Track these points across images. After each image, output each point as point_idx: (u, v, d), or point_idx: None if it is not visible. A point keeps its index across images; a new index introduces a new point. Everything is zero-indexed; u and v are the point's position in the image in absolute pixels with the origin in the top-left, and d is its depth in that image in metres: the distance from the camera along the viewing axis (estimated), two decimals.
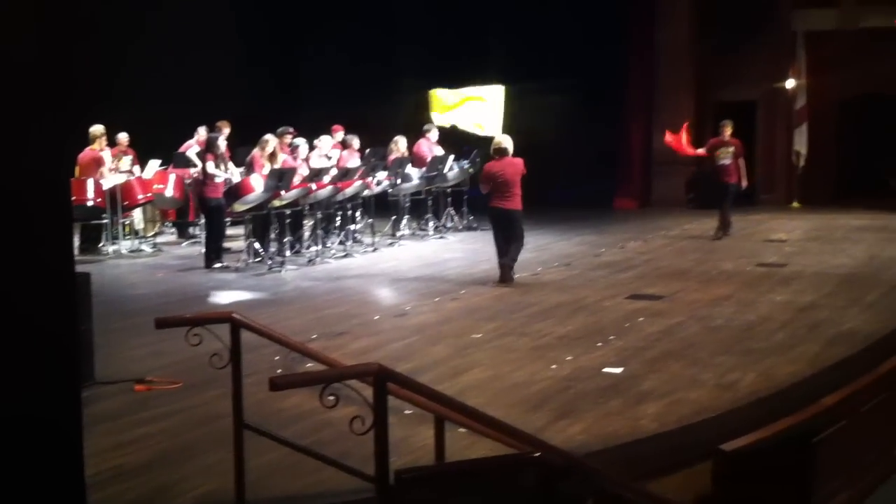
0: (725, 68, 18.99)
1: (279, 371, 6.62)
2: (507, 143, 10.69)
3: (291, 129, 13.31)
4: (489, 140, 11.28)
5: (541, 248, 13.14)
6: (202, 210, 12.91)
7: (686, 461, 5.43)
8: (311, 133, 13.97)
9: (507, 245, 10.52)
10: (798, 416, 3.81)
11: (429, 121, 15.66)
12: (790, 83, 18.55)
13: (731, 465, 3.34)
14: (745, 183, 14.23)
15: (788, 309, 8.90)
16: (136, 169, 13.98)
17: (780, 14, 18.66)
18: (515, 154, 10.62)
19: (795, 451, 3.43)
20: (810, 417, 3.77)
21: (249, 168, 12.08)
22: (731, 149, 14.03)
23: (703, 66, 19.31)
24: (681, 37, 18.98)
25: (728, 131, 14.29)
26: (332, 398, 3.51)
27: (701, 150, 14.76)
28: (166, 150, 14.57)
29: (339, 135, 14.58)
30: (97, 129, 13.27)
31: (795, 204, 18.38)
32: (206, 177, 12.25)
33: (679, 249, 12.99)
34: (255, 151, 12.21)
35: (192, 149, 14.11)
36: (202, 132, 14.34)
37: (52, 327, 2.25)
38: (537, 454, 2.74)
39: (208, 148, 12.46)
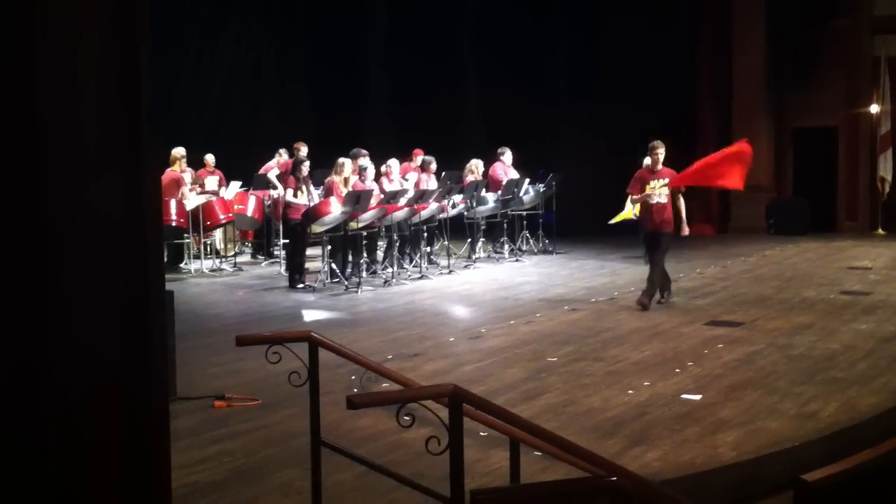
0: (803, 94, 18.70)
1: (355, 390, 6.68)
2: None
3: (364, 151, 13.49)
4: None
5: (616, 272, 13.05)
6: (284, 230, 13.15)
7: (765, 492, 5.34)
8: (379, 156, 14.14)
9: None
10: (882, 447, 3.71)
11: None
12: (874, 108, 18.16)
13: (813, 496, 3.26)
14: (685, 230, 10.45)
15: (872, 338, 8.68)
16: (223, 190, 14.32)
17: (860, 40, 18.31)
18: None
19: (881, 483, 3.34)
20: (895, 449, 3.67)
21: (328, 193, 12.24)
22: (665, 181, 10.25)
23: (779, 91, 19.05)
24: (756, 63, 18.77)
25: (659, 156, 10.24)
26: (407, 418, 3.53)
27: (635, 196, 10.58)
28: (246, 171, 14.90)
29: (419, 159, 14.68)
30: (178, 151, 13.63)
31: (879, 231, 17.93)
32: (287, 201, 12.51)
33: (759, 276, 12.76)
34: (332, 177, 12.36)
35: (272, 171, 14.36)
36: (283, 154, 14.62)
37: (145, 342, 2.33)
38: (614, 478, 2.72)
39: (293, 170, 12.68)
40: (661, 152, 10.20)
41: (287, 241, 13.08)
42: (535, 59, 19.04)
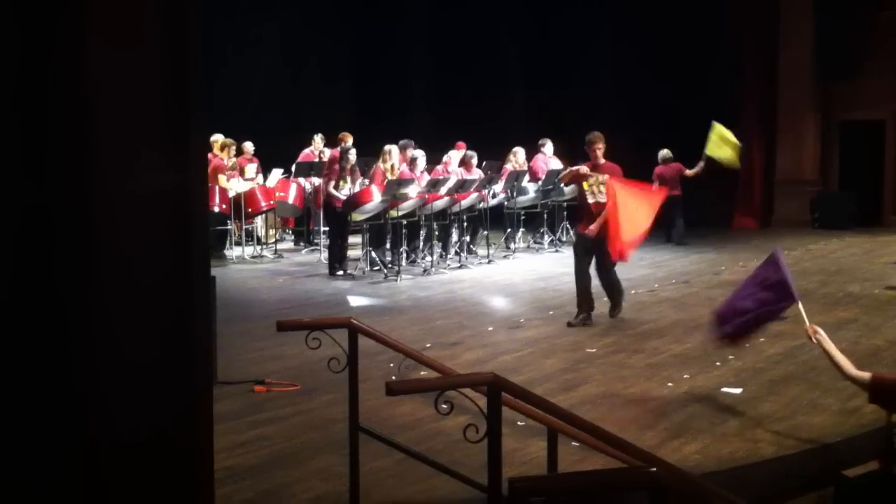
0: (850, 87, 18.38)
1: (393, 377, 6.69)
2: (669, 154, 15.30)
3: (412, 142, 13.50)
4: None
5: (658, 264, 12.95)
6: (325, 217, 13.20)
7: (806, 487, 5.28)
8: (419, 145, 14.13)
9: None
10: None
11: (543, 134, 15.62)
12: None
13: (855, 492, 3.23)
14: (592, 230, 9.02)
15: None
16: (260, 178, 14.41)
17: None
18: None
19: None
20: None
21: (371, 180, 12.27)
22: (605, 178, 9.11)
23: (826, 85, 18.76)
24: (804, 55, 18.49)
25: (598, 151, 9.17)
26: (446, 406, 3.53)
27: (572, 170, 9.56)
28: (287, 158, 14.97)
29: (461, 152, 14.65)
30: (217, 137, 13.78)
31: None
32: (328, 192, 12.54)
33: (802, 270, 12.59)
34: (378, 164, 12.39)
35: (314, 160, 14.40)
36: (318, 140, 14.67)
37: (190, 326, 2.35)
38: (652, 470, 2.70)
39: (340, 159, 12.67)
40: (601, 147, 9.15)
41: (328, 228, 13.14)
42: (577, 49, 18.95)
